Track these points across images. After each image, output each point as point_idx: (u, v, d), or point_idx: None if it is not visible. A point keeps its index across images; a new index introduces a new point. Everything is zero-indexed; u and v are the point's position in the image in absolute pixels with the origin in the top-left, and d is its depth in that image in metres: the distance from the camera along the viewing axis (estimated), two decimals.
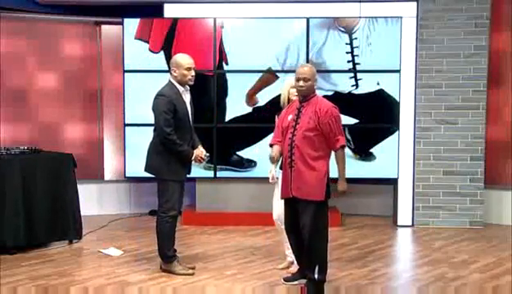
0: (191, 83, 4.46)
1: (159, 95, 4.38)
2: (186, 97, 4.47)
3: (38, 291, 4.12)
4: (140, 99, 6.17)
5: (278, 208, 4.48)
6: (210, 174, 6.37)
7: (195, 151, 4.44)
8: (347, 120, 6.28)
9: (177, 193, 4.46)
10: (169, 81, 4.45)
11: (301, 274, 4.23)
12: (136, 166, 6.25)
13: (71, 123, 6.81)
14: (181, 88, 4.42)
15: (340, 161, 4.00)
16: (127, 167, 6.42)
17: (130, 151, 6.37)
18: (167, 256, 4.52)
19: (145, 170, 4.55)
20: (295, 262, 4.40)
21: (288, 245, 4.39)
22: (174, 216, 4.48)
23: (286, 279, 4.34)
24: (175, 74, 4.40)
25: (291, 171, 3.98)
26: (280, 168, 4.22)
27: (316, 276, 3.94)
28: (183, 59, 4.43)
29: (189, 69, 4.40)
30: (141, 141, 6.25)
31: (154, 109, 4.39)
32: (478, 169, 6.27)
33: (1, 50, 6.42)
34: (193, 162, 4.48)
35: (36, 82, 6.66)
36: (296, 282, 4.25)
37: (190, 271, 4.54)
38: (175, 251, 4.60)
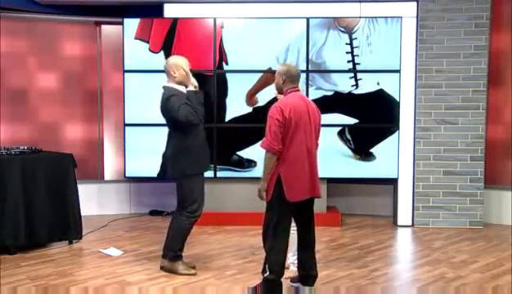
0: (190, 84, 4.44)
1: (170, 97, 4.28)
2: None
3: (38, 291, 4.11)
4: (140, 99, 6.18)
5: None
6: (210, 174, 6.36)
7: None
8: (347, 120, 6.30)
9: (202, 193, 4.44)
10: (168, 86, 4.36)
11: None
12: (136, 166, 6.28)
13: (71, 123, 6.82)
14: (182, 88, 4.38)
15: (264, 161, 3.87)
16: (127, 167, 6.41)
17: (130, 151, 6.36)
18: (174, 255, 4.49)
19: (169, 176, 4.47)
20: (290, 266, 4.47)
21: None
22: (198, 217, 4.47)
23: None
24: (175, 75, 4.34)
25: None
26: None
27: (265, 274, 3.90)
28: (180, 59, 4.42)
29: (187, 66, 4.39)
30: (140, 141, 6.29)
31: (170, 109, 4.26)
32: (478, 169, 6.27)
33: (1, 50, 6.42)
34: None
35: (36, 82, 6.66)
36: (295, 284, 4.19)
37: (193, 271, 4.51)
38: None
